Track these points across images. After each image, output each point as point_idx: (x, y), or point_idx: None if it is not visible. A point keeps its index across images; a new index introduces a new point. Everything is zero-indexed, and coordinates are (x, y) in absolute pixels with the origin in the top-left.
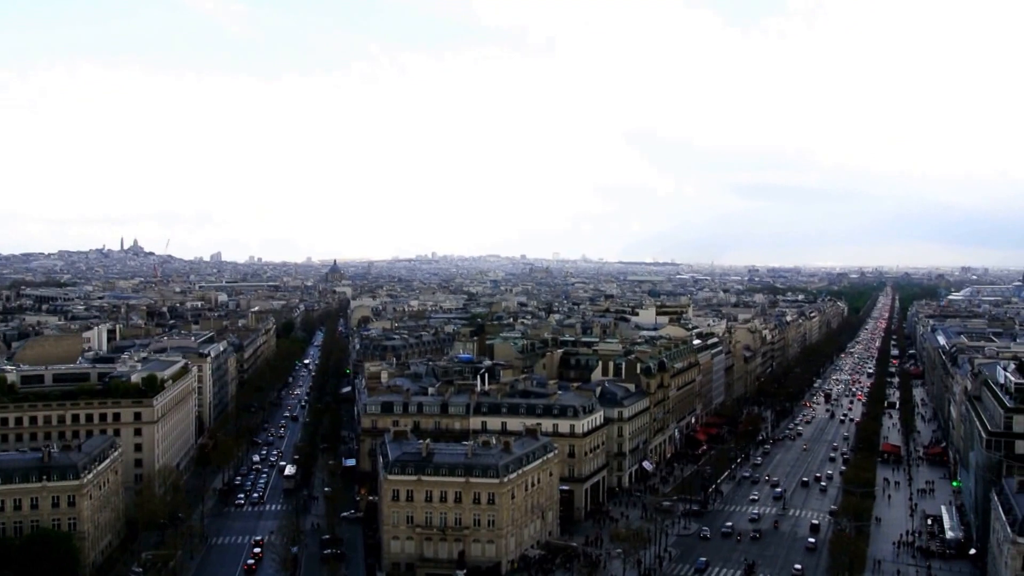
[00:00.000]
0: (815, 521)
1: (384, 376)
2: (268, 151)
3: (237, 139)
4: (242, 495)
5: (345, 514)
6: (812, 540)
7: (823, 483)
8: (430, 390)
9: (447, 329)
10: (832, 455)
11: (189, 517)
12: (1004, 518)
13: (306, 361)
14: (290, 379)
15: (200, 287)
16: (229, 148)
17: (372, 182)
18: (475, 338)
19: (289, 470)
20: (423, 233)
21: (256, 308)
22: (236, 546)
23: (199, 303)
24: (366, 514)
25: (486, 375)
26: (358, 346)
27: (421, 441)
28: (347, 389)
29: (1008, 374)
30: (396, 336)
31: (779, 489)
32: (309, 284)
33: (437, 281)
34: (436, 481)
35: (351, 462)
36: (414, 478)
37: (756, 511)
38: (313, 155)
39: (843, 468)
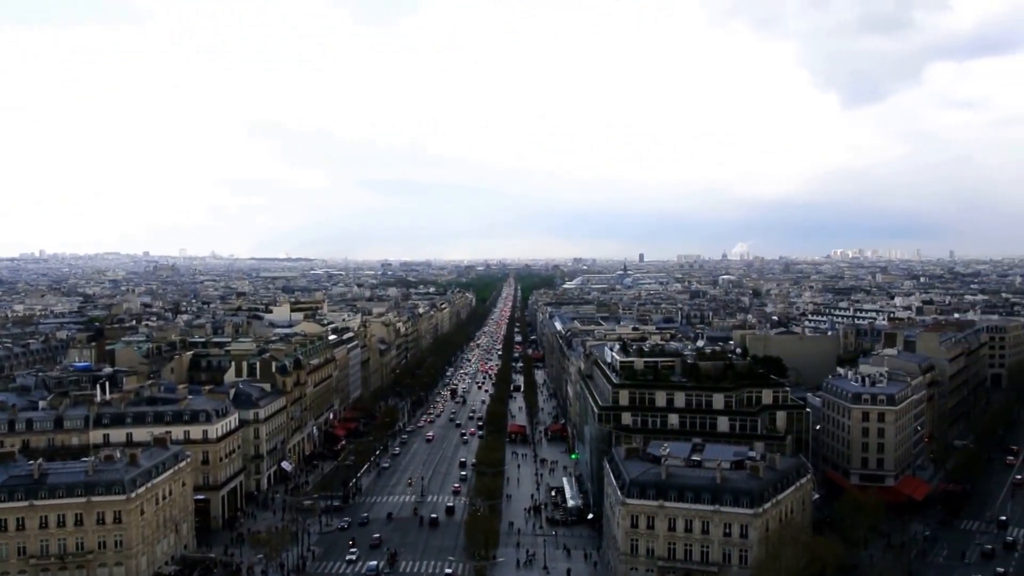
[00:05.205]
0: (449, 504)
1: None
2: None
3: None
4: None
5: None
6: (439, 520)
7: (460, 467)
8: (41, 404)
9: (60, 335)
10: (465, 439)
11: None
12: (615, 483)
13: None
14: None
15: None
16: None
17: None
18: (93, 344)
19: None
20: (27, 229)
21: None
22: None
23: None
24: None
25: (107, 384)
26: None
27: (32, 462)
28: None
29: (614, 354)
30: None
31: (417, 475)
32: None
33: (47, 282)
34: (52, 504)
35: None
36: (25, 504)
37: (396, 499)
38: None
39: (476, 449)
